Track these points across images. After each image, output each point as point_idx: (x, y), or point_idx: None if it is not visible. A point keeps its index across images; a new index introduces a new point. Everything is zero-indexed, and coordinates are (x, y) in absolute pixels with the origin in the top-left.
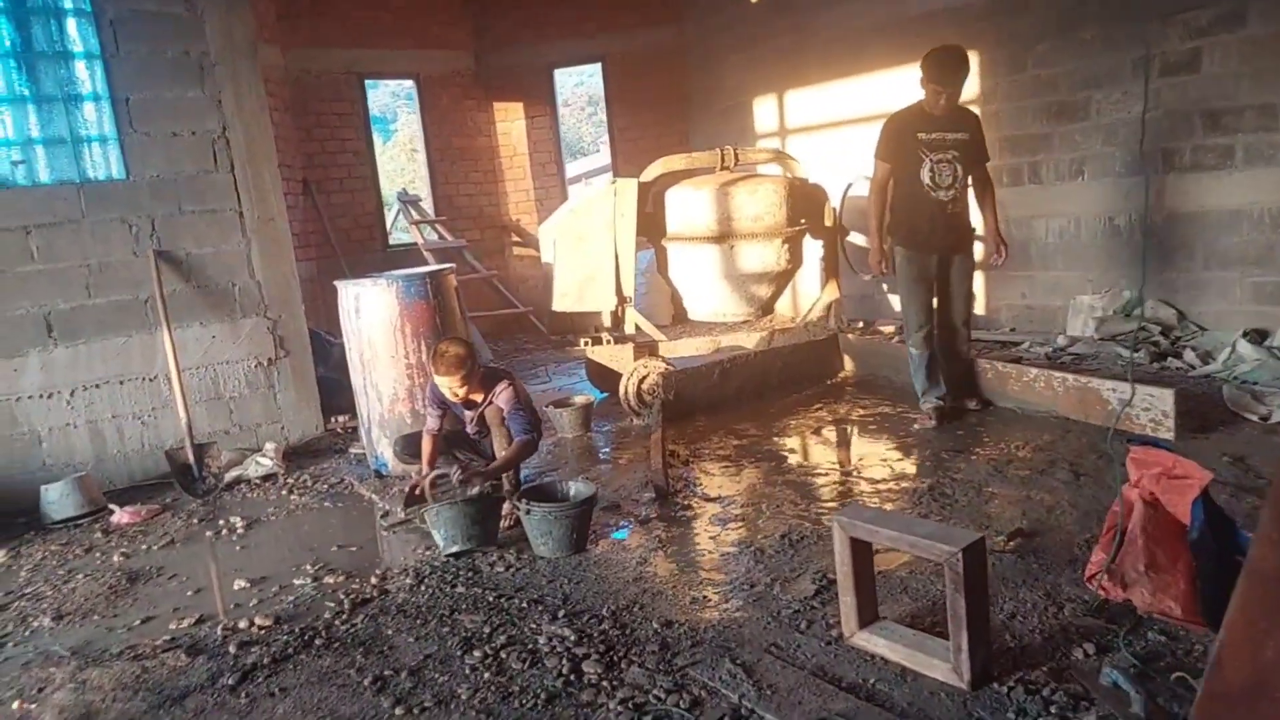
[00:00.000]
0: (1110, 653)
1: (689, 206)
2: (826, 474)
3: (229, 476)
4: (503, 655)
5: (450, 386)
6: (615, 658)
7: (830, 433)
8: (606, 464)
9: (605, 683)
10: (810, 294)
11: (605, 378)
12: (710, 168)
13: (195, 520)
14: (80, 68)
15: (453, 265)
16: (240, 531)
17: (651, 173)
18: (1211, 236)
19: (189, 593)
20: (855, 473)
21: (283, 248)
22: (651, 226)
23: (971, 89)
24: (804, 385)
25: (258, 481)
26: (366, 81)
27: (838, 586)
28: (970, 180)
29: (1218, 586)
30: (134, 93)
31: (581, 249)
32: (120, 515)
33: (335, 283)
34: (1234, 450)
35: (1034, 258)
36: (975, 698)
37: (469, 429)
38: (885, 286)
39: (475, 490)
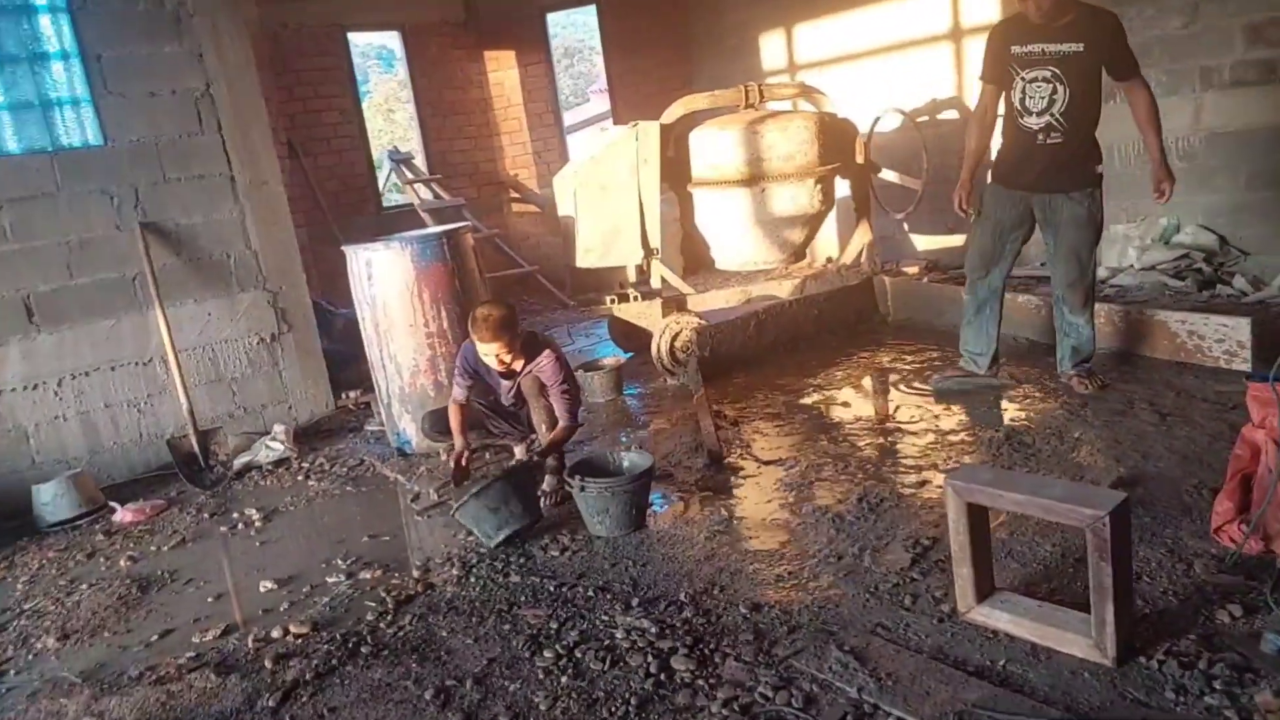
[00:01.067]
0: (1259, 614)
1: (716, 148)
2: (889, 428)
3: (238, 464)
4: (578, 655)
5: (496, 354)
6: (706, 651)
7: (881, 383)
8: (646, 429)
9: (701, 681)
10: (828, 237)
11: (631, 336)
12: (734, 106)
13: (206, 514)
14: (45, 23)
15: (469, 223)
16: (258, 525)
17: (672, 114)
18: (1253, 155)
19: (209, 599)
20: (919, 425)
21: (279, 213)
22: (674, 172)
23: (995, 7)
24: (840, 333)
25: (270, 468)
26: (349, 35)
27: (951, 557)
28: (1086, 104)
29: None
30: (106, 49)
31: (605, 200)
32: (123, 514)
33: (344, 248)
34: None
35: None
36: (1124, 675)
37: (504, 399)
38: (906, 226)
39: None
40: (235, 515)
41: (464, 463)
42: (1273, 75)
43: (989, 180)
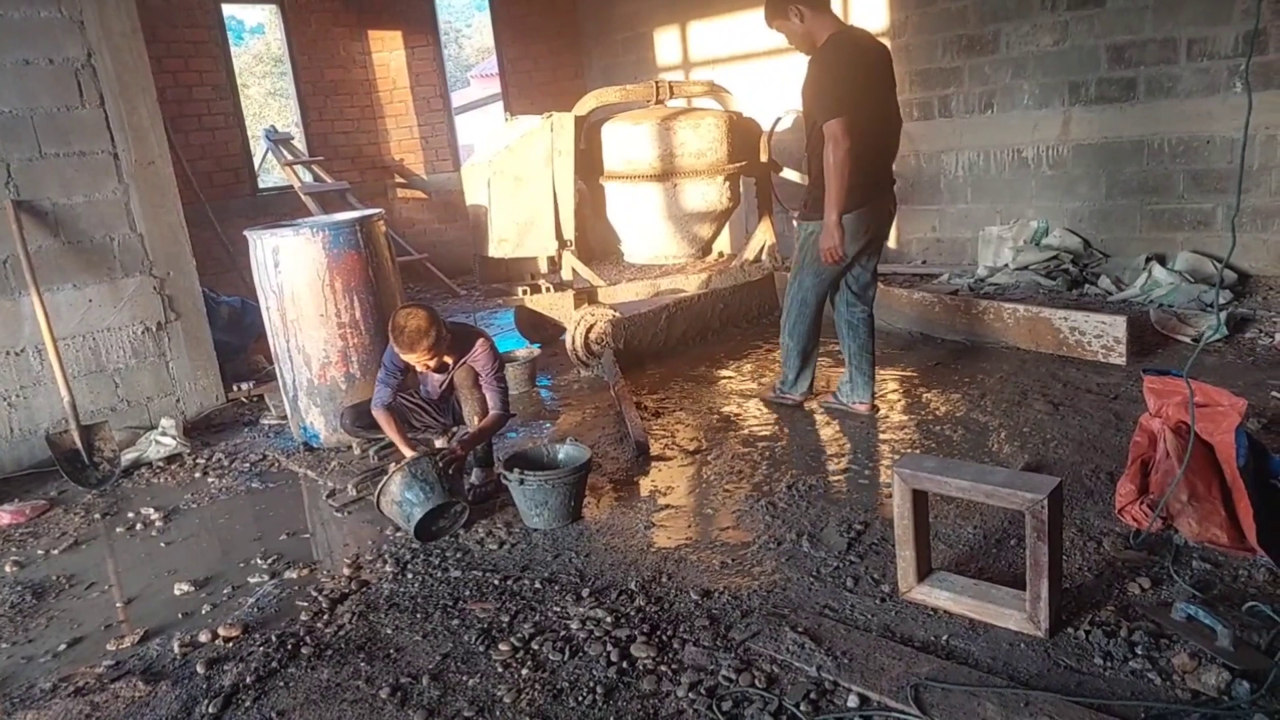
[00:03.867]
0: (1163, 585)
1: (629, 143)
2: (806, 417)
3: (125, 460)
4: (534, 646)
5: (419, 361)
6: (664, 638)
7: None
8: (566, 421)
9: (664, 667)
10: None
11: (539, 327)
12: (644, 101)
13: (97, 515)
14: None
15: (381, 210)
16: (159, 525)
17: (585, 106)
18: (1115, 166)
19: (118, 604)
20: (835, 415)
21: (167, 195)
22: (586, 164)
23: (881, 21)
24: (745, 326)
25: (161, 464)
26: (223, 6)
27: (896, 540)
28: (810, 136)
29: (1269, 513)
30: None
31: (519, 190)
32: None
33: (246, 233)
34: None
35: (944, 191)
36: (1056, 645)
37: (434, 391)
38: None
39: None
40: (131, 515)
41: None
42: (1132, 93)
43: None
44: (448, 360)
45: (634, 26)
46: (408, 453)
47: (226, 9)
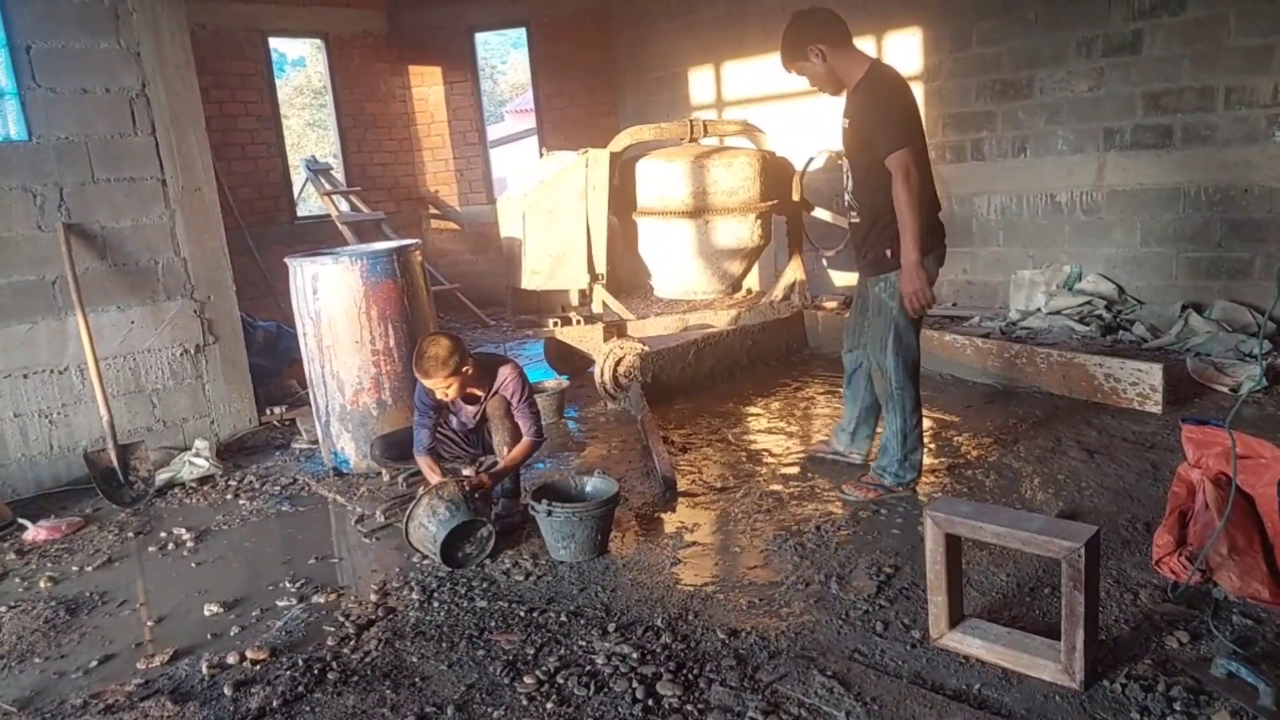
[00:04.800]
0: (1202, 640)
1: (663, 179)
2: (833, 458)
3: (159, 480)
4: (559, 680)
5: (438, 388)
6: (690, 676)
7: (820, 413)
8: (591, 452)
9: (689, 706)
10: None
11: (567, 359)
12: (677, 139)
13: (130, 533)
14: None
15: (418, 241)
16: (190, 545)
17: (620, 143)
18: (1150, 213)
19: (149, 623)
20: (864, 456)
21: (211, 221)
22: (619, 199)
23: (915, 65)
24: (773, 364)
25: (194, 485)
26: (270, 39)
27: (927, 586)
28: (867, 182)
29: None
30: (37, 41)
31: (553, 224)
32: (35, 531)
33: (286, 260)
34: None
35: (975, 234)
36: (1090, 698)
37: (468, 424)
38: (826, 263)
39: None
40: (163, 535)
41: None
42: (1168, 140)
43: None
44: (478, 392)
45: (668, 66)
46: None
47: (273, 42)
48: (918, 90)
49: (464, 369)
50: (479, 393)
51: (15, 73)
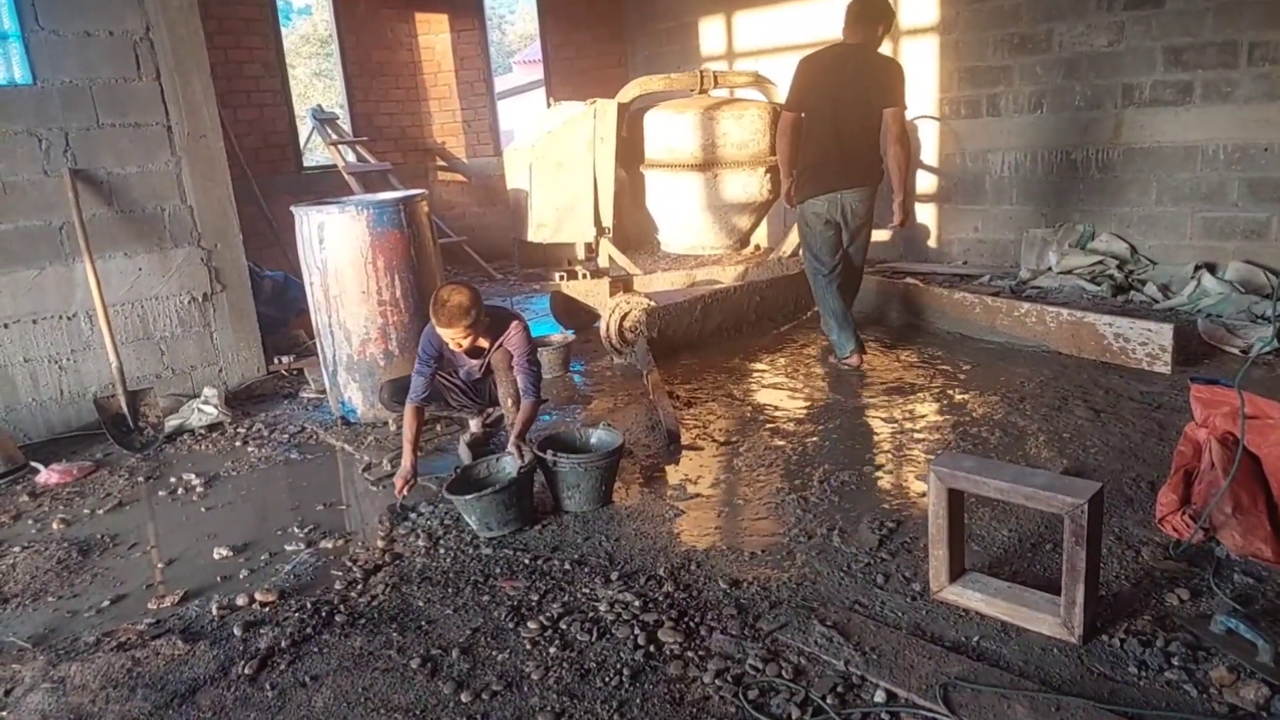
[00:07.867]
0: (1202, 597)
1: (671, 131)
2: (841, 413)
3: (168, 427)
4: (563, 626)
5: (454, 338)
6: (692, 624)
7: (827, 369)
8: (597, 406)
9: (690, 653)
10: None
11: (573, 313)
12: (687, 90)
13: (140, 478)
14: None
15: (424, 191)
16: (200, 490)
17: (628, 94)
18: (1166, 172)
19: (159, 564)
20: (869, 412)
21: (217, 168)
22: (627, 151)
23: (930, 16)
24: (780, 320)
25: (203, 432)
26: None
27: (929, 539)
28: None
29: None
30: None
31: (560, 176)
32: (47, 475)
33: (293, 209)
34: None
35: (988, 191)
36: (1089, 652)
37: (472, 375)
38: None
39: (521, 466)
40: (173, 480)
41: (409, 487)
42: (1188, 97)
43: None
44: (483, 344)
45: (678, 16)
46: (409, 460)
47: None
48: (932, 42)
49: (483, 319)
50: (485, 345)
51: (18, 14)
